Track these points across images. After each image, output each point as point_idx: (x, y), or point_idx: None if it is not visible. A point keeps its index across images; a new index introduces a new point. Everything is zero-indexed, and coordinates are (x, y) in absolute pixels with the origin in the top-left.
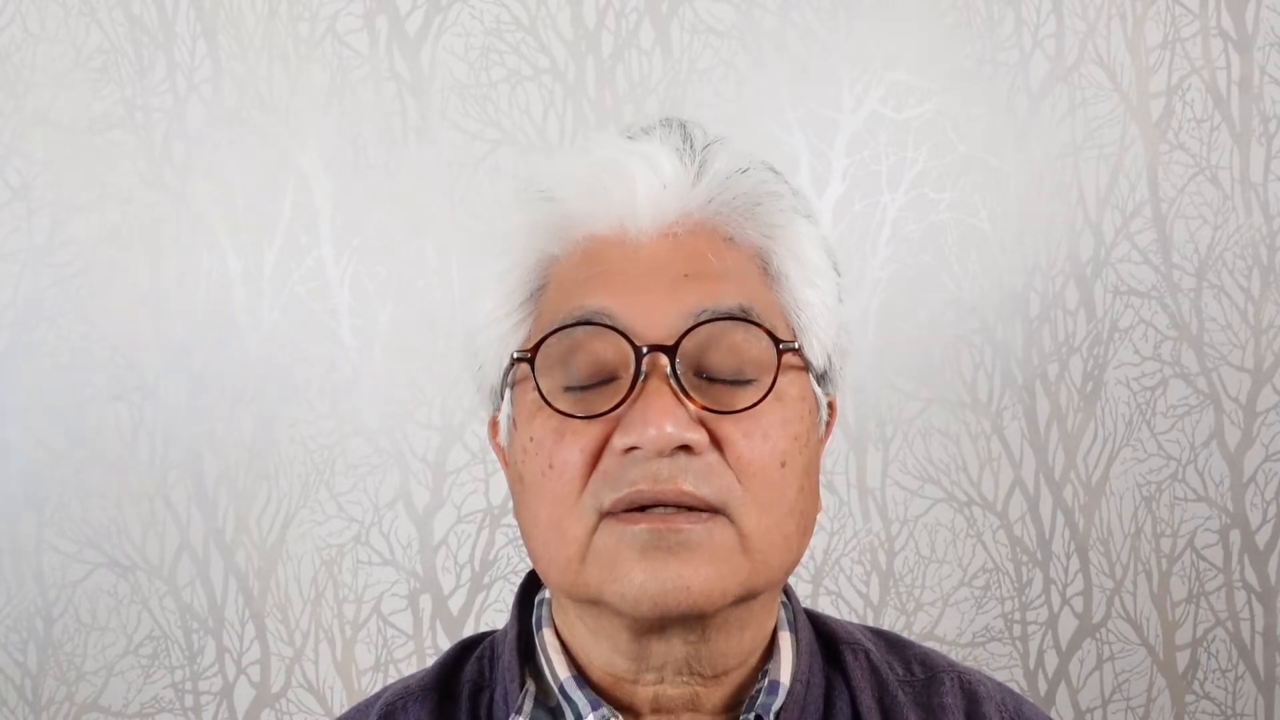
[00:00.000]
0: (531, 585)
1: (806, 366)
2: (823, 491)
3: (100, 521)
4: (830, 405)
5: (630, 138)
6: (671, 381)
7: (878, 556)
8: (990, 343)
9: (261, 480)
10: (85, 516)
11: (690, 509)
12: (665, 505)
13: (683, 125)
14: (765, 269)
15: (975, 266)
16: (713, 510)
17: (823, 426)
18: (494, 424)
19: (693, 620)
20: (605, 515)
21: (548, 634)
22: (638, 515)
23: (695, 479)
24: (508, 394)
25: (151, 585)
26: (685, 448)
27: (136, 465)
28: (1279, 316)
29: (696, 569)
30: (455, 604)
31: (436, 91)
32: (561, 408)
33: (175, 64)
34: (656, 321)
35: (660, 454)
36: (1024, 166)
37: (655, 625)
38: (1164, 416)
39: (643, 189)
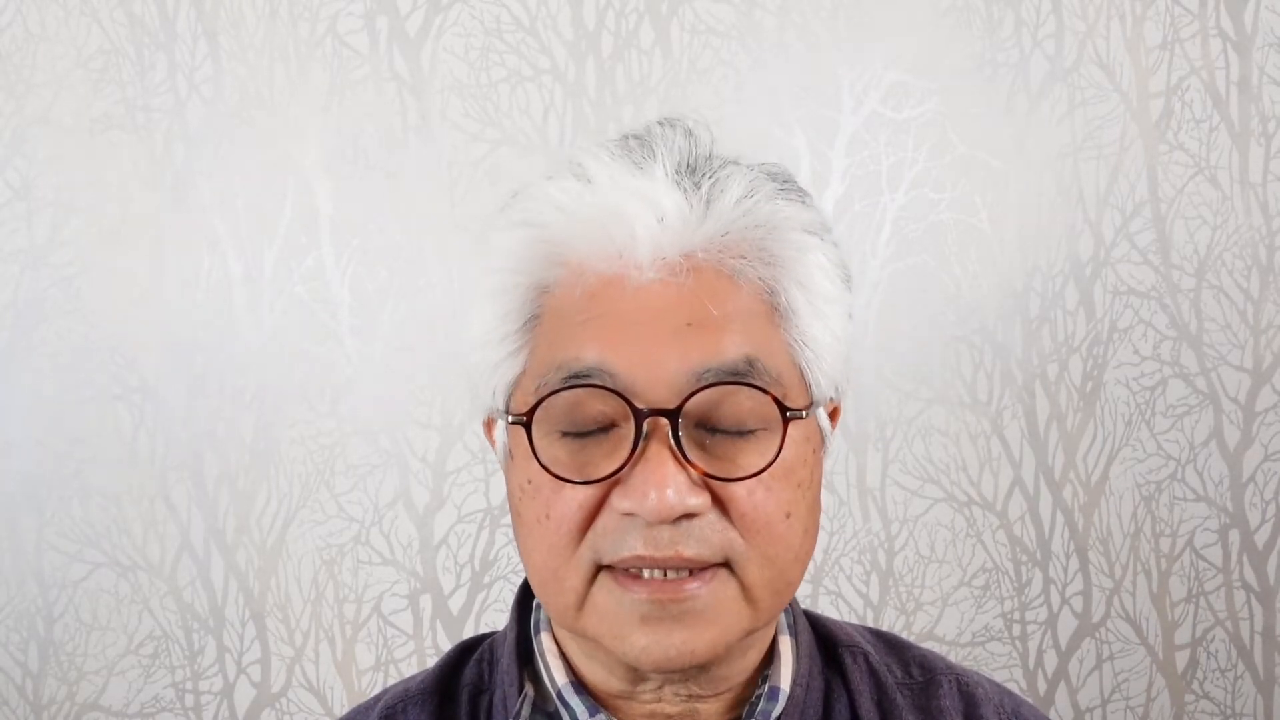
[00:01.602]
0: (530, 589)
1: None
2: (823, 492)
3: (100, 521)
4: (834, 414)
5: (630, 158)
6: (672, 445)
7: (878, 556)
8: (990, 343)
9: (261, 480)
10: (85, 516)
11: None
12: (666, 568)
13: (689, 135)
14: (773, 304)
15: (975, 266)
16: (714, 565)
17: (826, 433)
18: (490, 422)
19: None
20: (603, 568)
21: (546, 639)
22: (639, 582)
23: (696, 543)
24: (504, 421)
25: (152, 585)
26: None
27: (136, 465)
28: (1278, 316)
29: (701, 634)
30: (455, 604)
31: (436, 91)
32: (561, 459)
33: (176, 64)
34: (657, 378)
35: (661, 522)
36: (1024, 166)
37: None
38: (1163, 416)
39: (643, 231)
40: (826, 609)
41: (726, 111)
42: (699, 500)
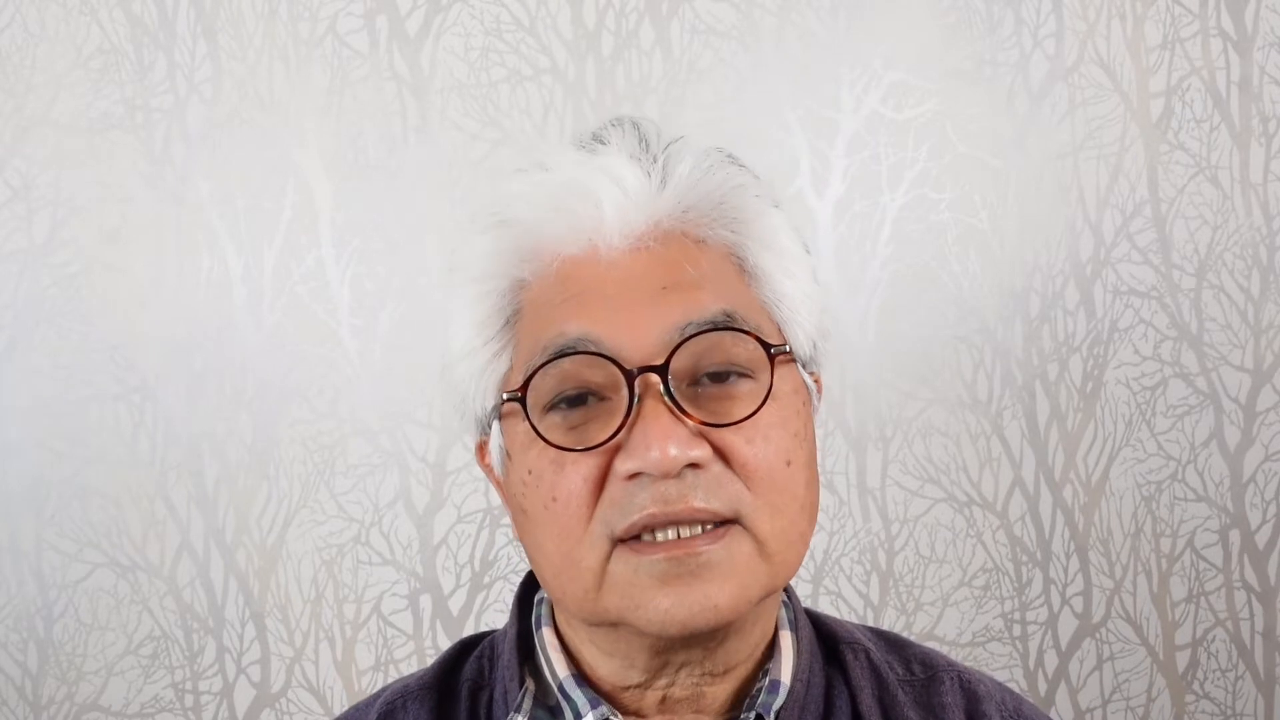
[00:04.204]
0: (531, 585)
1: (794, 358)
2: (823, 492)
3: (100, 521)
4: (816, 382)
5: (586, 149)
6: (666, 400)
7: (878, 556)
8: (990, 343)
9: (261, 480)
10: (85, 516)
11: (703, 524)
12: (679, 524)
13: (636, 126)
14: (741, 266)
15: (975, 266)
16: (726, 521)
17: (812, 391)
18: (481, 447)
19: (716, 630)
20: (618, 542)
21: (547, 633)
22: (653, 546)
23: (705, 494)
24: (496, 424)
25: (152, 585)
26: (691, 464)
27: (136, 465)
28: (1279, 316)
29: (721, 587)
30: (455, 604)
31: (436, 91)
32: (557, 439)
33: (175, 64)
34: (641, 340)
35: (667, 476)
36: (1024, 166)
37: (679, 642)
38: (1164, 416)
39: (609, 204)
40: (826, 609)
41: (726, 111)
42: (700, 451)
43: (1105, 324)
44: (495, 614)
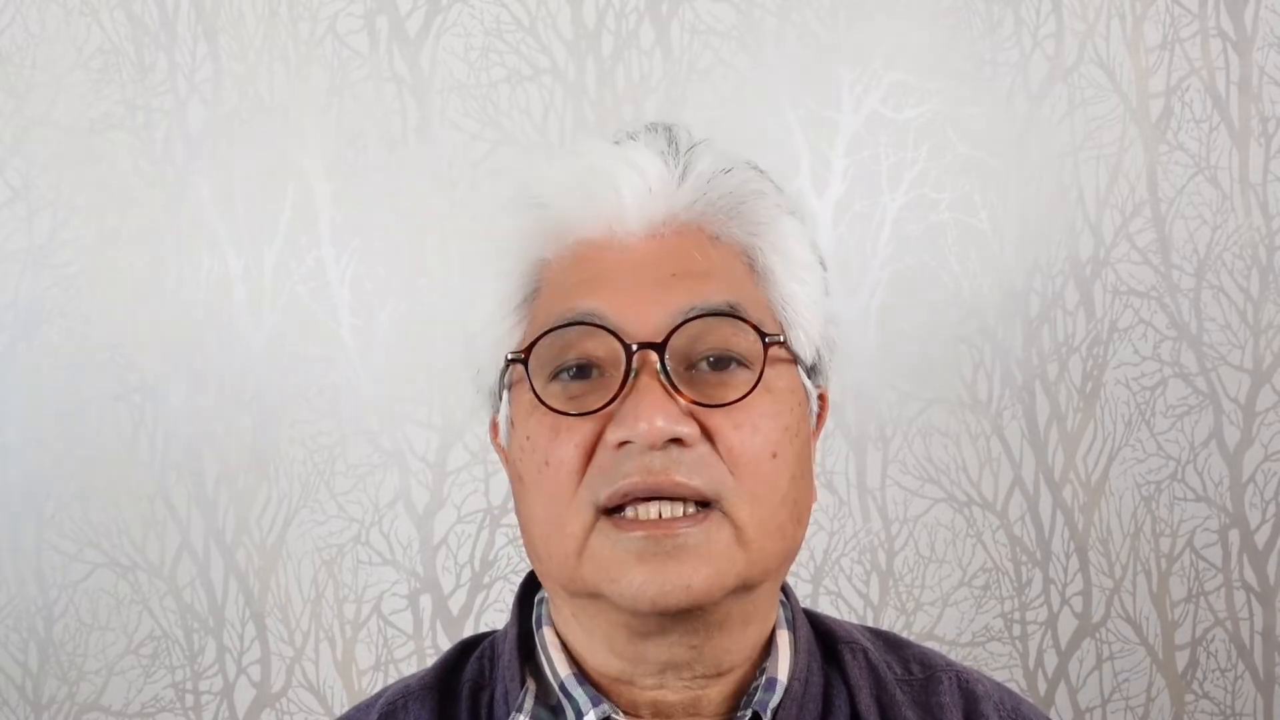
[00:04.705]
0: (531, 585)
1: (795, 360)
2: (823, 492)
3: (100, 521)
4: (821, 398)
5: (617, 143)
6: (661, 377)
7: (878, 556)
8: (990, 343)
9: (261, 480)
10: (85, 516)
11: (684, 502)
12: (660, 498)
13: (668, 129)
14: (751, 266)
15: (975, 266)
16: (705, 502)
17: (814, 419)
18: (494, 425)
19: (695, 620)
20: (601, 514)
21: (548, 633)
22: (635, 523)
23: (688, 470)
24: (505, 395)
25: (152, 585)
26: (677, 440)
27: (136, 465)
28: (1278, 316)
29: (696, 569)
30: (455, 604)
31: (436, 91)
32: (555, 405)
33: (176, 64)
34: (646, 320)
35: (652, 447)
36: (1024, 166)
37: (654, 625)
38: (1163, 416)
39: (629, 192)
40: (826, 609)
41: (726, 111)
42: (687, 428)
43: (1105, 324)
44: (495, 614)
